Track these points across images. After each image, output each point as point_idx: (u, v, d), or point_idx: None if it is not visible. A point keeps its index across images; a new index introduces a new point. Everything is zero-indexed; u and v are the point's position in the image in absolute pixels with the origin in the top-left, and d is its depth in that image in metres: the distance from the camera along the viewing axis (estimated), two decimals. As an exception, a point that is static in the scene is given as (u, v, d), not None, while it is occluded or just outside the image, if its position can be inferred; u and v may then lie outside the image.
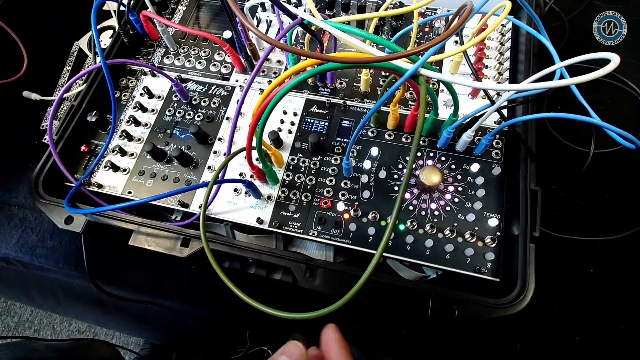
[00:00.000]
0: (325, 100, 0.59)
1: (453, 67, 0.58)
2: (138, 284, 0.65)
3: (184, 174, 0.56)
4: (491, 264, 0.48)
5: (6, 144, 0.73)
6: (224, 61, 0.64)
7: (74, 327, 1.68)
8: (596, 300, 0.56)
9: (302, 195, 0.53)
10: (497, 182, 0.52)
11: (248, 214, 0.53)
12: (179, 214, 0.57)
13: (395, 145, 0.55)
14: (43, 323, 1.71)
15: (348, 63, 0.32)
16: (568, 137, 0.65)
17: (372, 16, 0.42)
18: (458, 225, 0.50)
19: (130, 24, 0.63)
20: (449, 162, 0.54)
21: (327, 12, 0.66)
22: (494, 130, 0.48)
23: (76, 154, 0.58)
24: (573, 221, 0.60)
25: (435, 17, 0.54)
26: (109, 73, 0.51)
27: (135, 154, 0.58)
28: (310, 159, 0.55)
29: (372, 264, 0.29)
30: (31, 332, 1.65)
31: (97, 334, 1.59)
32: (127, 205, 0.44)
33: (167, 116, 0.60)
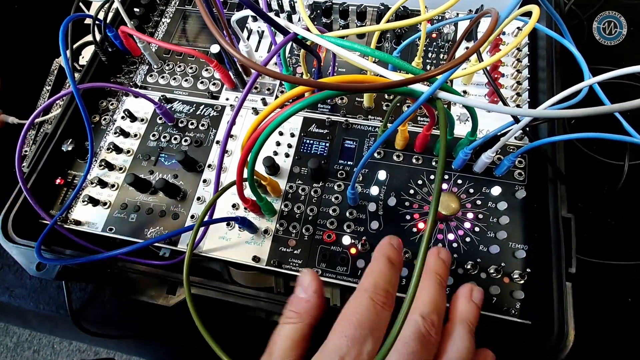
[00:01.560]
0: (325, 118, 0.53)
1: (466, 78, 0.52)
2: (128, 322, 0.59)
3: (170, 206, 0.50)
4: (520, 304, 0.42)
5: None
6: (212, 78, 0.58)
7: (74, 347, 1.64)
8: (636, 334, 0.50)
9: (302, 227, 0.47)
10: (523, 207, 0.46)
11: (243, 251, 0.47)
12: (167, 250, 0.52)
13: (405, 167, 0.49)
14: (42, 343, 1.67)
15: (348, 91, 0.27)
16: (593, 149, 0.59)
17: (375, 29, 0.36)
18: (481, 258, 0.44)
19: (108, 40, 0.58)
20: (466, 185, 0.48)
21: (323, 19, 0.60)
22: (519, 151, 0.43)
23: (51, 187, 0.53)
24: (605, 243, 0.54)
25: (445, 23, 0.48)
26: (82, 99, 0.45)
27: (117, 185, 0.52)
28: (310, 185, 0.49)
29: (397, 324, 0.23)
30: (31, 353, 1.61)
31: (98, 353, 1.54)
32: (102, 257, 0.39)
33: (152, 141, 0.54)
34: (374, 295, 0.30)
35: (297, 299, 0.34)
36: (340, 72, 0.56)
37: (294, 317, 0.32)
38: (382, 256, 0.34)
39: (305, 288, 0.34)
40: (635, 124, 0.40)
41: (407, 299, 0.23)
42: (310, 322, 0.32)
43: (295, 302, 0.34)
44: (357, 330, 0.28)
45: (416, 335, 0.30)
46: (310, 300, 0.33)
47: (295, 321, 0.32)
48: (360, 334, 0.28)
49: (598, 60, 0.65)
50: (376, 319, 0.29)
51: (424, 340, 0.30)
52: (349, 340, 0.28)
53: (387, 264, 0.33)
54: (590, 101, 0.41)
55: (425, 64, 0.56)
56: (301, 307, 0.33)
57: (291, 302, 0.34)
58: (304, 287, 0.34)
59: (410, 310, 0.26)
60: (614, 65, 0.59)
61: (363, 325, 0.28)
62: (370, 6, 0.60)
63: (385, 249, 0.34)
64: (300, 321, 0.32)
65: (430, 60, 0.56)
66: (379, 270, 0.33)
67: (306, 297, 0.33)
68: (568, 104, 0.40)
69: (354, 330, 0.28)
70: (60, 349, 1.65)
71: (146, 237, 0.49)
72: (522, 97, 0.51)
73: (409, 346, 0.29)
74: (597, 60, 0.65)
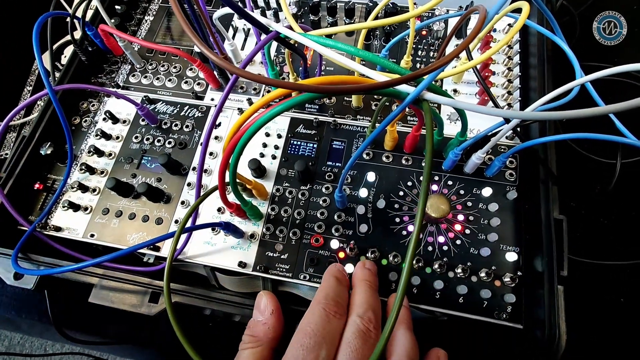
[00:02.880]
0: (312, 118, 0.52)
1: (456, 76, 0.51)
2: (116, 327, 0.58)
3: (154, 210, 0.49)
4: (512, 308, 0.41)
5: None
6: (197, 77, 0.57)
7: (67, 349, 1.62)
8: (628, 336, 0.49)
9: (289, 231, 0.46)
10: (514, 208, 0.45)
11: (229, 257, 0.46)
12: (152, 256, 0.50)
13: (394, 168, 0.48)
14: (35, 346, 1.65)
15: (328, 93, 0.25)
16: (585, 147, 0.58)
17: (361, 27, 0.35)
18: (471, 261, 0.43)
19: (88, 39, 0.56)
20: (456, 186, 0.47)
21: (311, 17, 0.59)
22: (509, 152, 0.42)
23: (30, 193, 0.51)
24: (597, 243, 0.53)
25: (434, 20, 0.47)
26: (58, 101, 0.44)
27: (98, 189, 0.50)
28: (297, 188, 0.48)
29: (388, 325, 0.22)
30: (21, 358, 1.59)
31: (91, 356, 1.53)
32: (82, 266, 0.37)
33: (134, 143, 0.53)
34: (325, 305, 0.33)
35: (254, 323, 0.35)
36: (328, 71, 0.55)
37: (252, 341, 0.33)
38: (331, 276, 0.37)
39: (262, 311, 0.35)
40: (628, 122, 0.39)
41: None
42: (270, 344, 0.33)
43: (253, 326, 0.35)
44: (311, 339, 0.30)
45: (357, 334, 0.32)
46: (267, 323, 0.34)
47: (253, 345, 0.33)
48: (315, 342, 0.30)
49: (594, 58, 0.64)
50: (329, 327, 0.32)
51: (364, 337, 0.32)
52: (305, 350, 0.30)
53: (335, 281, 0.37)
54: (584, 99, 0.40)
55: (415, 62, 0.55)
56: (259, 330, 0.34)
57: (249, 327, 0.35)
58: (260, 310, 0.35)
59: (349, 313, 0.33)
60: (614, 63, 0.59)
61: (317, 334, 0.31)
62: (358, 3, 0.59)
63: (332, 270, 0.39)
64: (258, 345, 0.33)
65: (420, 58, 0.55)
66: (329, 285, 0.36)
67: (263, 320, 0.34)
68: (560, 103, 0.39)
69: (309, 339, 0.30)
70: (52, 352, 1.64)
71: (129, 243, 0.47)
72: (514, 96, 0.50)
73: (352, 344, 0.31)
74: (593, 57, 0.64)
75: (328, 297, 0.34)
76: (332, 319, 0.32)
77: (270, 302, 0.35)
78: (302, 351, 0.29)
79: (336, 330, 0.32)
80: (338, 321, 0.32)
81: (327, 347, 0.30)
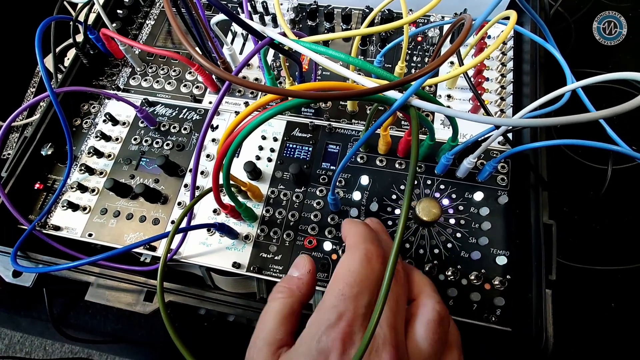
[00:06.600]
0: (308, 122, 0.52)
1: (450, 82, 0.52)
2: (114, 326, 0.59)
3: (151, 211, 0.50)
4: (501, 311, 0.42)
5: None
6: (195, 81, 0.58)
7: (67, 349, 1.63)
8: (619, 340, 0.50)
9: (283, 233, 0.47)
10: (505, 212, 0.46)
11: (224, 257, 0.46)
12: (148, 256, 0.51)
13: (387, 172, 0.49)
14: (34, 345, 1.66)
15: (316, 99, 0.26)
16: (579, 153, 0.59)
17: (355, 34, 0.35)
18: (462, 265, 0.44)
19: (90, 43, 0.57)
20: (448, 190, 0.47)
21: (309, 22, 0.60)
22: (500, 156, 0.42)
23: (30, 192, 0.52)
24: (589, 248, 0.54)
25: (429, 26, 0.48)
26: (59, 103, 0.45)
27: (97, 189, 0.51)
28: (292, 190, 0.49)
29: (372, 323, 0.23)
30: (22, 354, 1.60)
31: (90, 354, 1.53)
32: (78, 264, 0.38)
33: (133, 145, 0.54)
34: (366, 250, 0.30)
35: (290, 277, 0.34)
36: (324, 76, 0.56)
37: (285, 291, 0.32)
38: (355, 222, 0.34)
39: (300, 268, 0.34)
40: (620, 129, 0.40)
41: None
42: (301, 299, 0.32)
43: (288, 279, 0.33)
44: (353, 287, 0.28)
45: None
46: (302, 279, 0.33)
47: (286, 295, 0.32)
48: (358, 290, 0.28)
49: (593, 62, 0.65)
50: (371, 273, 0.29)
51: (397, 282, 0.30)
52: (346, 297, 0.28)
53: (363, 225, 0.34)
54: (575, 105, 0.41)
55: (410, 67, 0.56)
56: (294, 283, 0.33)
57: (284, 280, 0.34)
58: (299, 267, 0.34)
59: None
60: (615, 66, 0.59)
61: (357, 281, 0.28)
62: (355, 9, 0.60)
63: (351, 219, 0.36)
64: (290, 296, 0.32)
65: (415, 64, 0.56)
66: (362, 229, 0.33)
67: (299, 275, 0.33)
68: (551, 109, 0.40)
69: (350, 288, 0.28)
70: (52, 351, 1.64)
71: (126, 243, 0.48)
72: (507, 102, 0.51)
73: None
74: (592, 62, 0.65)
75: (366, 240, 0.31)
76: (375, 266, 0.30)
77: (309, 263, 0.34)
78: (341, 300, 0.28)
79: (378, 278, 0.30)
80: (381, 268, 0.30)
81: (369, 295, 0.28)
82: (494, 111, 0.51)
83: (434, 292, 0.32)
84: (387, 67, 0.55)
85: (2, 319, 0.80)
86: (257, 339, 0.30)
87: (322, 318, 0.28)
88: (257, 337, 0.30)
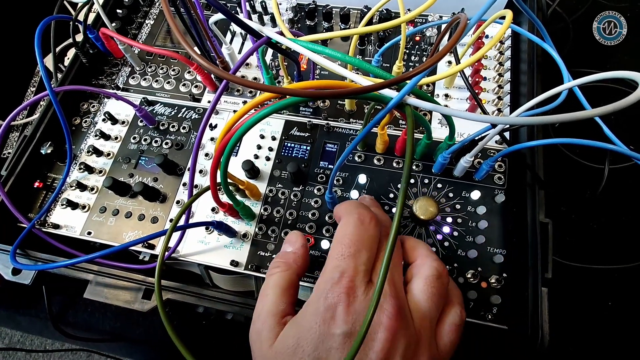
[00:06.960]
0: (306, 121, 0.53)
1: (448, 81, 0.52)
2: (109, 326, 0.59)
3: (150, 209, 0.50)
4: (497, 309, 0.42)
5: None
6: (195, 80, 0.58)
7: (67, 347, 1.63)
8: (615, 339, 0.50)
9: (281, 232, 0.47)
10: (502, 211, 0.46)
11: (221, 255, 0.47)
12: (147, 254, 0.51)
13: (385, 171, 0.49)
14: (35, 344, 1.66)
15: (311, 97, 0.26)
16: (576, 152, 0.59)
17: (352, 33, 0.36)
18: (458, 263, 0.44)
19: (89, 42, 0.57)
20: (446, 189, 0.48)
21: (307, 22, 0.60)
22: (496, 155, 0.42)
23: (30, 191, 0.52)
24: (586, 247, 0.54)
25: (427, 26, 0.48)
26: (58, 102, 0.45)
27: (96, 188, 0.52)
28: (290, 189, 0.49)
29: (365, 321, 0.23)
30: (23, 353, 1.60)
31: (90, 354, 1.54)
32: (76, 261, 0.38)
33: (132, 144, 0.54)
34: (359, 214, 0.32)
35: (284, 252, 0.35)
36: (323, 75, 0.56)
37: (282, 265, 0.34)
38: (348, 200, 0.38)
39: (293, 243, 0.36)
40: (617, 129, 0.40)
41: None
42: (297, 271, 0.34)
43: (283, 254, 0.35)
44: (350, 247, 0.30)
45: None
46: (297, 253, 0.35)
47: (283, 269, 0.33)
48: (355, 249, 0.30)
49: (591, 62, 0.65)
50: (366, 234, 0.31)
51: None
52: (345, 258, 0.30)
53: (355, 200, 0.37)
54: (572, 105, 0.41)
55: (408, 67, 0.56)
56: (289, 257, 0.34)
57: (278, 256, 0.35)
58: (292, 243, 0.36)
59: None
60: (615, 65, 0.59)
61: (355, 242, 0.30)
62: (353, 8, 0.60)
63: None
64: (287, 269, 0.33)
65: (413, 64, 0.56)
66: (353, 202, 0.36)
67: (293, 250, 0.35)
68: (547, 107, 0.40)
69: (347, 248, 0.30)
70: (52, 350, 1.64)
71: (124, 241, 0.48)
72: (504, 101, 0.51)
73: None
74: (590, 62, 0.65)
75: (358, 206, 0.33)
76: (369, 226, 0.32)
77: (301, 237, 0.36)
78: (342, 260, 0.30)
79: (373, 237, 0.32)
80: (375, 228, 0.32)
81: (367, 252, 0.30)
82: (491, 110, 0.51)
83: (430, 252, 0.34)
84: (385, 66, 0.55)
85: (1, 318, 0.80)
86: (261, 312, 0.31)
87: (326, 279, 0.30)
88: (260, 310, 0.31)
